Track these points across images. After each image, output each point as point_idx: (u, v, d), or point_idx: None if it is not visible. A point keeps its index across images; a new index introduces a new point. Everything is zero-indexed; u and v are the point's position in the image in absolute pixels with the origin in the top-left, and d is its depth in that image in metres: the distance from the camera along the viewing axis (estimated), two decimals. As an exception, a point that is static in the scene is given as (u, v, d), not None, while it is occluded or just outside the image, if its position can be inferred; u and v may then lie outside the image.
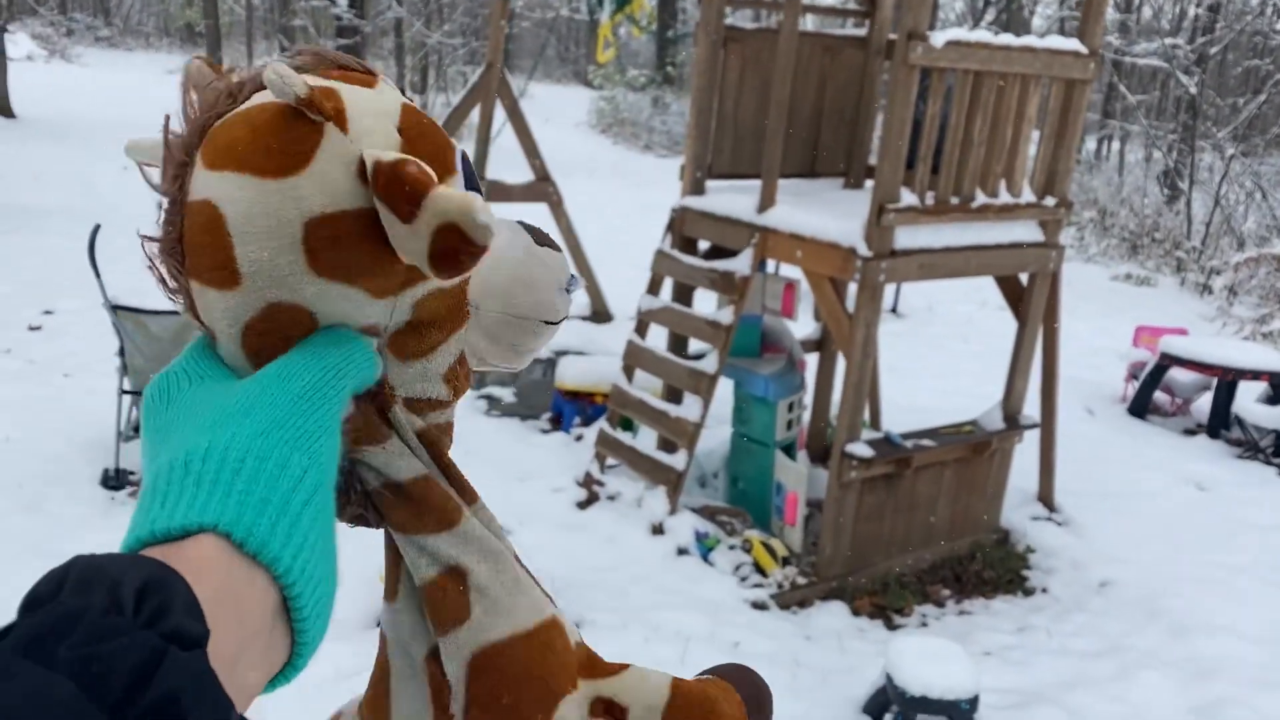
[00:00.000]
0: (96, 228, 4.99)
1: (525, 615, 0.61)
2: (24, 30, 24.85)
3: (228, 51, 28.15)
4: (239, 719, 0.40)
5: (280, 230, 0.52)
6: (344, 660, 3.78)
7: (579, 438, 6.07)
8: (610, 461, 5.51)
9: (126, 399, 5.13)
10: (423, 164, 0.52)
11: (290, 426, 0.49)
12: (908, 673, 3.66)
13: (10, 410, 5.58)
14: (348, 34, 18.66)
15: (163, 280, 0.57)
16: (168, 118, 0.56)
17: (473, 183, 0.60)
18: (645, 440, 5.55)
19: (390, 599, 0.62)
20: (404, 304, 0.57)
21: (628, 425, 5.79)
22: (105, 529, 4.53)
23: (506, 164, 9.45)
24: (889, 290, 10.43)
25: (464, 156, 0.60)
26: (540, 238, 0.63)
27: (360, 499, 0.59)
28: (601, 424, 5.60)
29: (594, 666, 0.67)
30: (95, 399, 5.67)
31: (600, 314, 8.34)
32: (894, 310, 10.47)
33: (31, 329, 7.02)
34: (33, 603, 0.38)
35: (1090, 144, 23.31)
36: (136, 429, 5.20)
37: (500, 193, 7.90)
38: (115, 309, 4.91)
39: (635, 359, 5.51)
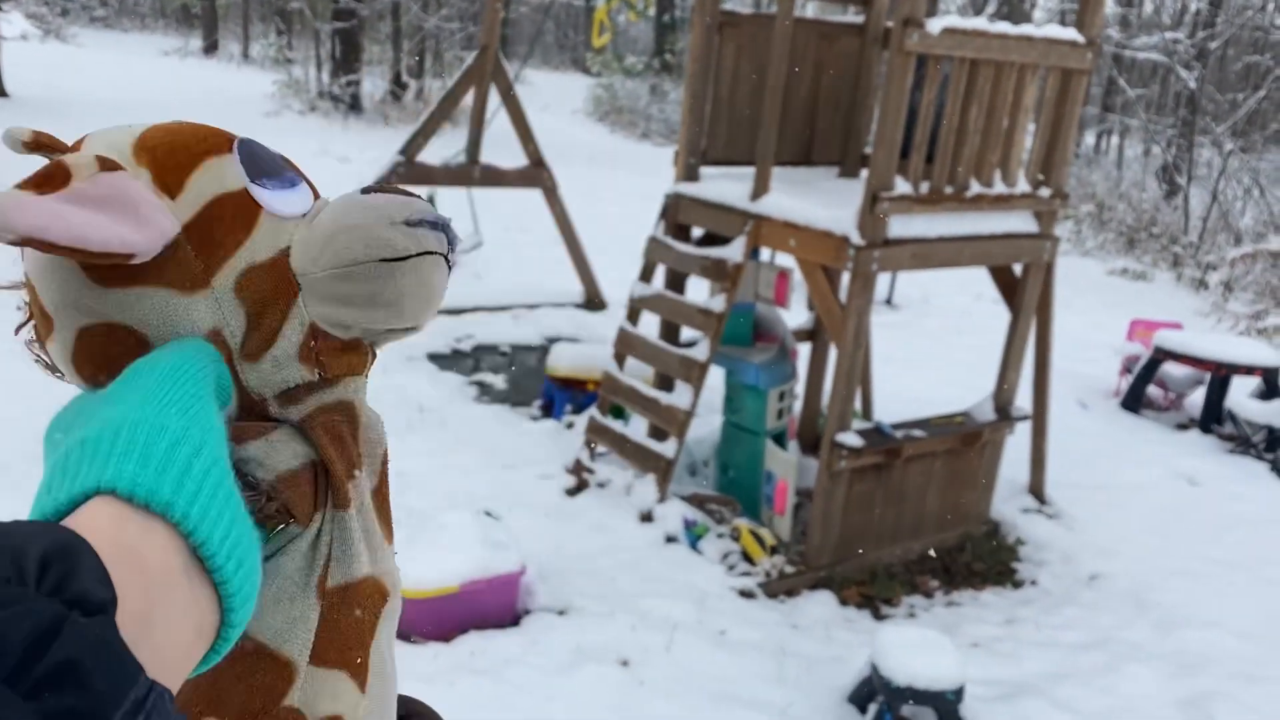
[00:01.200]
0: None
1: (265, 630, 0.59)
2: (18, 9, 24.69)
3: (223, 36, 28.03)
4: (151, 683, 0.39)
5: (52, 261, 0.55)
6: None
7: (570, 425, 6.04)
8: (600, 449, 5.49)
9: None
10: (61, 161, 0.53)
11: (162, 397, 0.50)
12: (894, 662, 3.64)
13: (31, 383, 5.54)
14: (345, 17, 18.55)
15: (38, 361, 0.61)
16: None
17: (258, 161, 0.60)
18: (636, 428, 5.53)
19: None
20: (225, 293, 0.57)
21: (620, 413, 5.76)
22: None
23: (501, 148, 9.41)
24: (884, 282, 10.41)
25: (246, 141, 0.61)
26: (374, 189, 0.61)
27: (259, 497, 0.57)
28: (592, 411, 5.57)
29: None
30: (82, 379, 5.63)
31: (594, 301, 8.32)
32: (889, 302, 10.45)
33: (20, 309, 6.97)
34: None
35: (1089, 138, 23.28)
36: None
37: (494, 177, 7.87)
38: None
39: (627, 346, 5.48)
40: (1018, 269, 5.30)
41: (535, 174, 7.93)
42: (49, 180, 0.52)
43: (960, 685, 3.62)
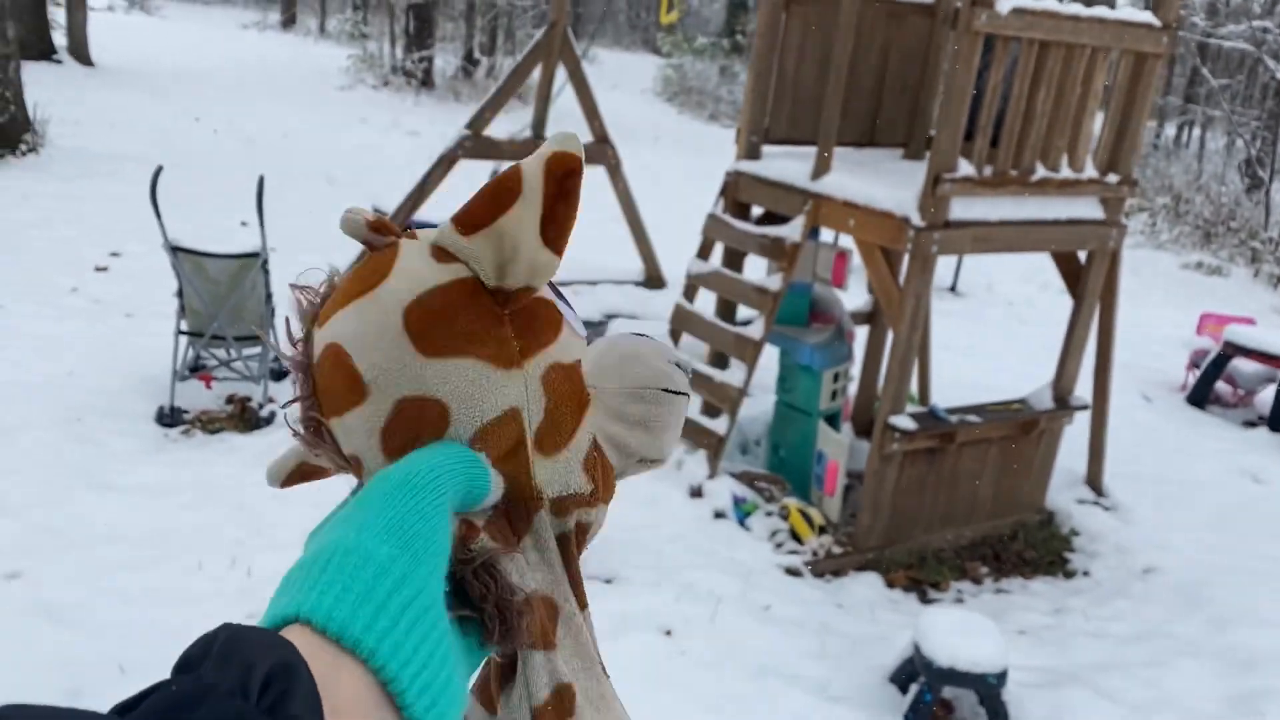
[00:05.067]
0: (158, 170, 5.10)
1: None
2: (106, -19, 25.31)
3: (301, 10, 28.46)
4: None
5: (385, 327, 0.56)
6: None
7: (624, 399, 6.08)
8: (653, 423, 5.52)
9: (183, 340, 5.25)
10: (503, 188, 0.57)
11: (377, 520, 0.50)
12: (936, 644, 3.64)
13: (73, 346, 5.75)
14: (419, -7, 18.73)
15: (306, 443, 0.61)
16: (286, 318, 0.62)
17: (552, 286, 0.63)
18: (692, 406, 5.56)
19: (490, 710, 0.61)
20: (534, 379, 0.58)
21: (673, 389, 5.79)
22: (156, 464, 4.66)
23: (566, 125, 9.43)
24: (948, 268, 10.29)
25: (556, 290, 0.64)
26: (640, 335, 0.67)
27: (491, 609, 0.56)
28: (646, 386, 5.61)
29: None
30: (155, 339, 5.81)
31: (654, 279, 8.34)
32: (953, 289, 10.34)
33: (98, 269, 7.20)
34: (183, 666, 0.41)
35: (1170, 129, 22.68)
36: (192, 369, 5.33)
37: (558, 153, 7.90)
38: (175, 250, 5.02)
39: (682, 323, 5.51)
40: (1082, 256, 5.22)
41: (599, 151, 7.96)
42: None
43: (1003, 669, 3.61)
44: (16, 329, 5.92)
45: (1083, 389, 5.46)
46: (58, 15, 16.05)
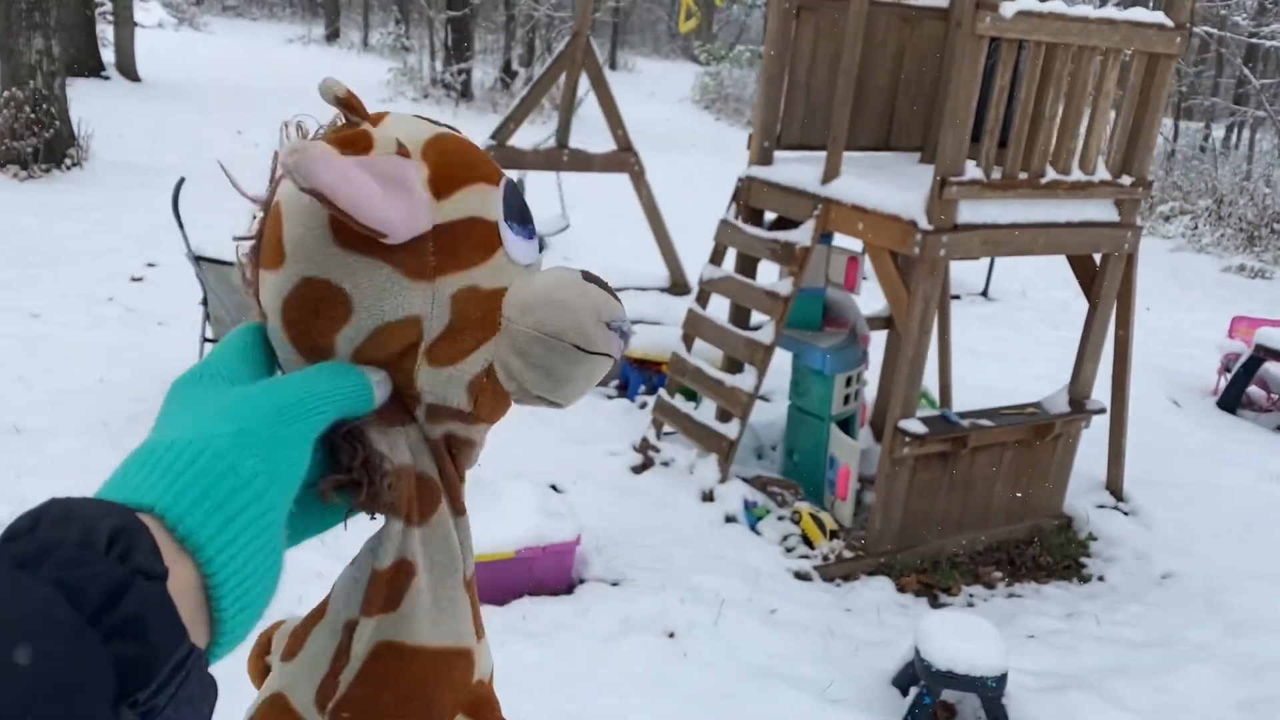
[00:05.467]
0: (180, 181, 5.24)
1: (443, 633, 0.64)
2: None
3: (345, 24, 28.90)
4: (192, 645, 0.44)
5: (312, 207, 0.58)
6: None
7: (643, 405, 6.14)
8: (667, 429, 5.57)
9: (208, 347, 5.39)
10: (367, 131, 0.59)
11: (256, 434, 0.52)
12: (935, 646, 3.64)
13: (105, 354, 5.91)
14: (458, 5, 18.95)
15: (243, 276, 0.64)
16: (275, 152, 0.62)
17: (513, 205, 0.64)
18: (706, 411, 5.59)
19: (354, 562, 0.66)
20: (442, 295, 0.60)
21: (691, 395, 5.83)
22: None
23: (591, 132, 9.54)
24: (980, 273, 10.21)
25: (510, 182, 0.65)
26: (591, 277, 0.65)
27: (359, 471, 0.60)
28: (660, 392, 5.65)
29: (481, 708, 0.69)
30: (184, 346, 5.96)
31: (678, 285, 8.39)
32: (984, 293, 10.26)
33: (134, 279, 7.40)
34: (10, 536, 0.42)
35: (1218, 131, 22.29)
36: (216, 375, 5.45)
37: (581, 162, 8.00)
38: (198, 260, 5.15)
39: (694, 328, 5.55)
40: (1097, 259, 5.18)
41: (622, 159, 8.03)
42: (353, 144, 0.58)
43: (1003, 672, 3.60)
44: (51, 336, 6.10)
45: (1104, 393, 5.41)
46: (107, 33, 16.46)
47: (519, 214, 0.65)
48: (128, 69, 16.25)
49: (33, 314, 6.50)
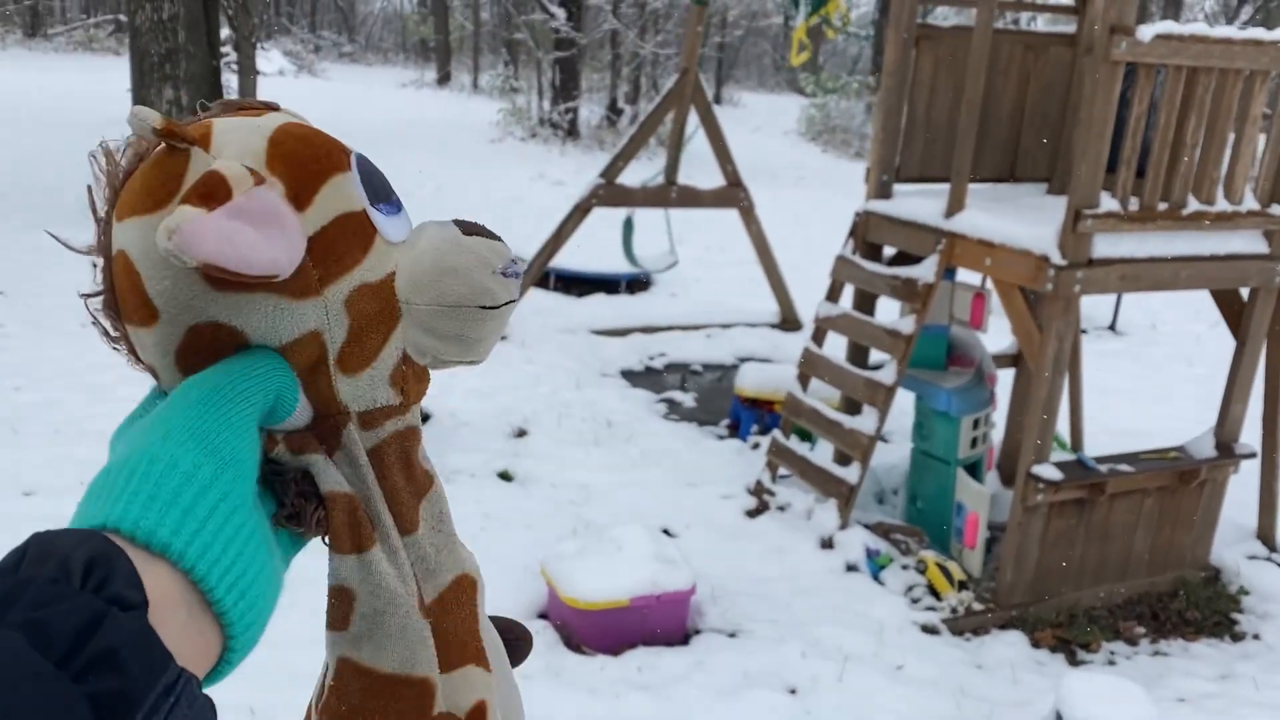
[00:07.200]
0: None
1: (388, 660, 0.62)
2: (277, 48, 26.97)
3: (456, 68, 29.65)
4: (180, 670, 0.43)
5: (169, 259, 0.54)
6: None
7: (755, 445, 5.98)
8: (782, 471, 5.40)
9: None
10: (221, 174, 0.53)
11: (183, 429, 0.52)
12: (1080, 711, 3.39)
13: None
14: (565, 46, 19.22)
15: (105, 333, 0.60)
16: (89, 188, 0.59)
17: (372, 182, 0.61)
18: (823, 453, 5.42)
19: None
20: (335, 304, 0.58)
21: (805, 436, 5.66)
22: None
23: (700, 168, 9.48)
24: (1107, 306, 9.80)
25: (360, 158, 0.62)
26: (469, 228, 0.63)
27: (294, 502, 0.60)
28: (775, 433, 5.50)
29: None
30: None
31: (789, 321, 8.23)
32: (1112, 328, 9.82)
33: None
34: None
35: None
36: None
37: (690, 198, 7.93)
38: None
39: (811, 367, 5.39)
40: (1244, 293, 4.87)
41: (731, 194, 7.94)
42: (212, 195, 0.53)
43: (1155, 742, 3.33)
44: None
45: (1252, 436, 5.06)
46: (231, 82, 17.14)
47: (380, 190, 0.61)
48: (251, 116, 16.87)
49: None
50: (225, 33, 17.02)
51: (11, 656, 0.38)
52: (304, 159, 0.58)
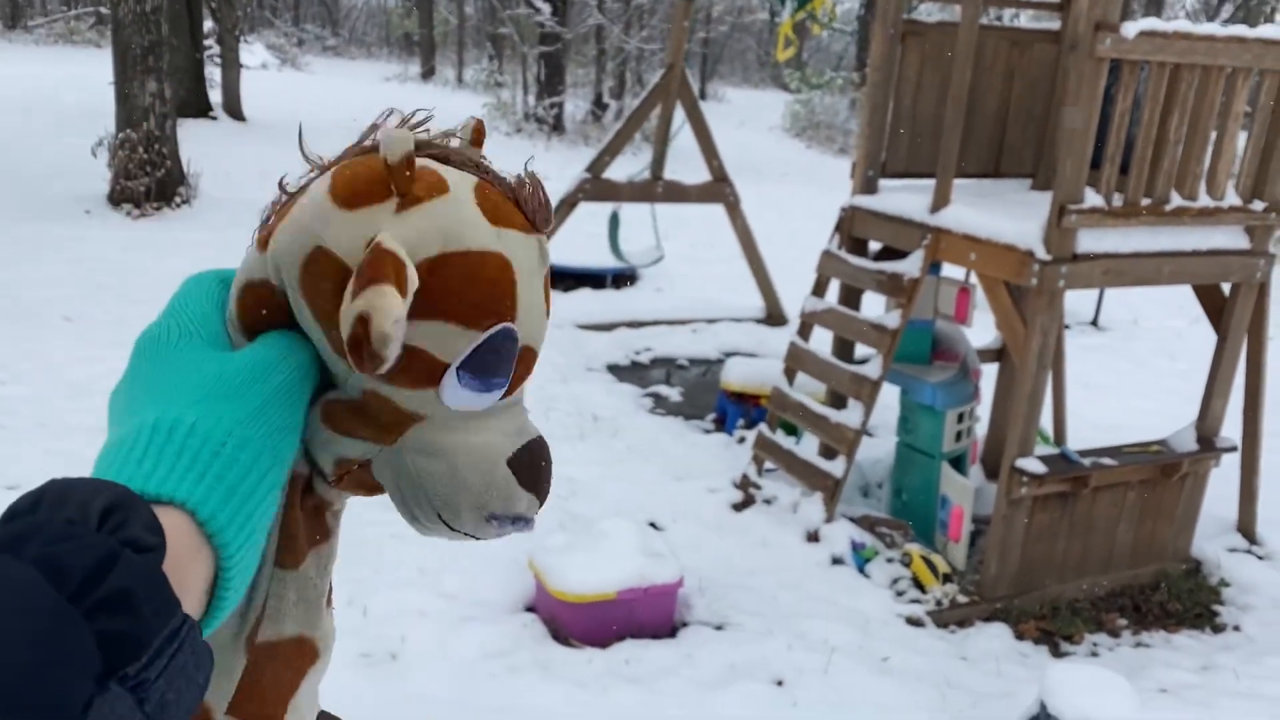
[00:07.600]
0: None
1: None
2: (260, 41, 26.80)
3: (440, 62, 29.53)
4: (185, 616, 0.44)
5: (303, 235, 0.58)
6: (490, 641, 3.89)
7: (741, 440, 6.00)
8: (768, 465, 5.42)
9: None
10: (392, 261, 0.54)
11: (267, 419, 0.54)
12: (1064, 702, 3.42)
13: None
14: (550, 41, 19.18)
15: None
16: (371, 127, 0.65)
17: (487, 358, 0.59)
18: (808, 446, 5.44)
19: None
20: (356, 379, 0.59)
21: (791, 430, 5.68)
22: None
23: (686, 164, 9.49)
24: (1089, 302, 9.86)
25: (505, 331, 0.59)
26: (526, 457, 0.62)
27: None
28: (761, 427, 5.52)
29: None
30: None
31: (774, 316, 8.26)
32: (1094, 323, 9.89)
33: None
34: (8, 516, 0.43)
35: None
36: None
37: (676, 193, 7.94)
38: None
39: (797, 361, 5.41)
40: (1226, 288, 4.91)
41: (717, 189, 7.95)
42: (402, 286, 0.54)
43: (1138, 732, 3.36)
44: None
45: (1234, 429, 5.11)
46: (215, 75, 17.05)
47: (485, 367, 0.59)
48: (234, 109, 16.78)
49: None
50: (208, 25, 16.92)
51: (23, 587, 0.38)
52: (467, 298, 0.58)
